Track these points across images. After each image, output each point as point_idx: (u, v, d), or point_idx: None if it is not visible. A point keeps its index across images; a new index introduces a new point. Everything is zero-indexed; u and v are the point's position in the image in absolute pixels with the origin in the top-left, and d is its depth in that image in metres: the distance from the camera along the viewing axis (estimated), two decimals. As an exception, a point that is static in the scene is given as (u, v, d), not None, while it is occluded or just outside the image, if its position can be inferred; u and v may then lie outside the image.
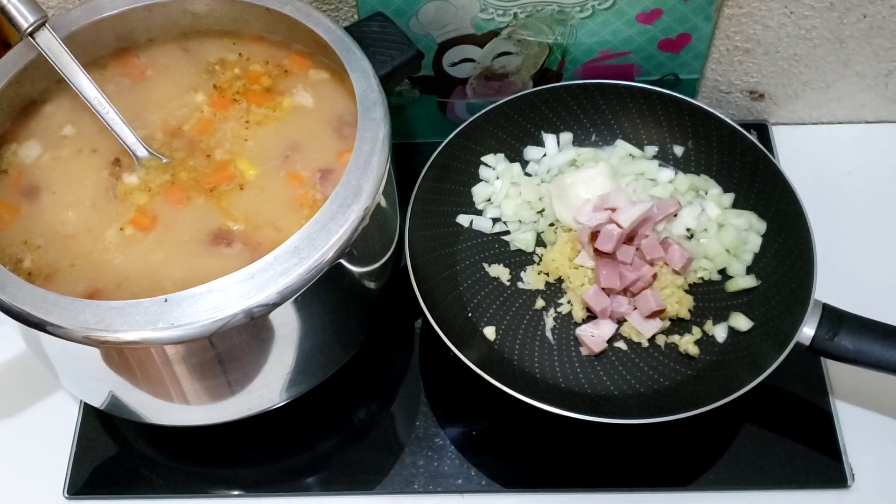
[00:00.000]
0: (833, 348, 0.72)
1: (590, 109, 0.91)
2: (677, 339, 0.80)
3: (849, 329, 0.72)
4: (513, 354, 0.80)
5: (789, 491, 0.76)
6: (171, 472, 0.80)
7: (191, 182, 0.72)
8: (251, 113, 0.75)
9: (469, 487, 0.77)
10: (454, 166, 0.88)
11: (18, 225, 0.70)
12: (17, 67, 0.73)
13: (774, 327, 0.77)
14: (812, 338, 0.72)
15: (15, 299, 0.61)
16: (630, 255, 0.81)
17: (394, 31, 0.77)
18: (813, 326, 0.73)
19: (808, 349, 0.73)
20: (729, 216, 0.85)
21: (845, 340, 0.72)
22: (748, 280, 0.82)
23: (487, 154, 0.90)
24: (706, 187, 0.87)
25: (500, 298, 0.84)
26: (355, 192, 0.65)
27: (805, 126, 0.98)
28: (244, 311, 0.61)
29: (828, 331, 0.72)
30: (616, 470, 0.77)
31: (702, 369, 0.78)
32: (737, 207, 0.86)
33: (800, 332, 0.73)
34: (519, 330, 0.82)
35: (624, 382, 0.78)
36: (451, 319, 0.80)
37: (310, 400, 0.75)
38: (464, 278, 0.85)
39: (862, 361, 0.72)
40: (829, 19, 0.88)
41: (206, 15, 0.79)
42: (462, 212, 0.88)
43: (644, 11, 0.85)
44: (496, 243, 0.87)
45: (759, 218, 0.84)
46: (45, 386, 0.83)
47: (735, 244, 0.83)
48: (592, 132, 0.92)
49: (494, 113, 0.89)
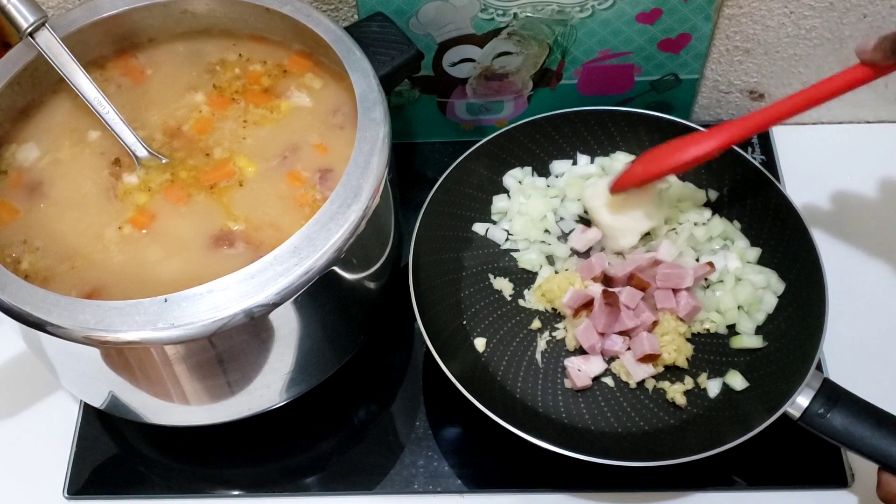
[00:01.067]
0: (823, 426, 0.70)
1: (630, 138, 0.89)
2: (667, 385, 0.78)
3: (843, 408, 0.70)
4: (497, 370, 0.80)
5: (789, 491, 0.76)
6: (171, 472, 0.80)
7: (191, 180, 0.72)
8: (249, 112, 0.75)
9: (469, 487, 0.77)
10: (480, 172, 0.87)
11: (18, 225, 0.70)
12: (17, 67, 0.73)
13: (769, 391, 0.74)
14: (804, 410, 0.70)
15: (15, 299, 0.61)
16: (636, 299, 0.78)
17: (394, 31, 0.77)
18: (808, 398, 0.71)
19: (797, 421, 0.71)
20: (748, 271, 0.82)
21: (837, 420, 0.70)
22: (755, 340, 0.79)
23: (515, 167, 0.89)
24: (734, 237, 0.85)
25: (497, 312, 0.83)
26: (355, 192, 0.65)
27: (805, 126, 0.98)
28: (244, 311, 0.61)
29: (821, 405, 0.70)
30: (616, 470, 0.76)
31: (685, 420, 0.77)
32: (761, 263, 0.83)
33: (792, 401, 0.71)
34: (509, 347, 0.81)
35: (603, 419, 0.77)
36: (444, 324, 0.79)
37: (310, 400, 0.75)
38: (466, 285, 0.84)
39: (848, 444, 0.70)
40: (828, 19, 0.87)
41: (206, 15, 0.79)
42: (480, 219, 0.88)
43: (644, 11, 0.85)
44: (506, 256, 0.87)
45: (779, 279, 0.81)
46: (45, 386, 0.83)
47: (749, 302, 0.80)
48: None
49: (531, 126, 0.88)
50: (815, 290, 0.77)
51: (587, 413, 0.78)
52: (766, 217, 0.83)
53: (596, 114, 0.88)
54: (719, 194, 0.87)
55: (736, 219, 0.86)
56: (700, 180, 0.88)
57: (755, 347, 0.79)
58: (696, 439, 0.73)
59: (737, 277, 0.82)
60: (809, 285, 0.78)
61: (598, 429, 0.77)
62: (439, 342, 0.75)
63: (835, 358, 0.82)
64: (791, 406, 0.71)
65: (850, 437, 0.69)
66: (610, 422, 0.77)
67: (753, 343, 0.79)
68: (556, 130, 0.89)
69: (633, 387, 0.79)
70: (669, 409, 0.78)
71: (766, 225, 0.84)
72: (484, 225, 0.88)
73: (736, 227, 0.85)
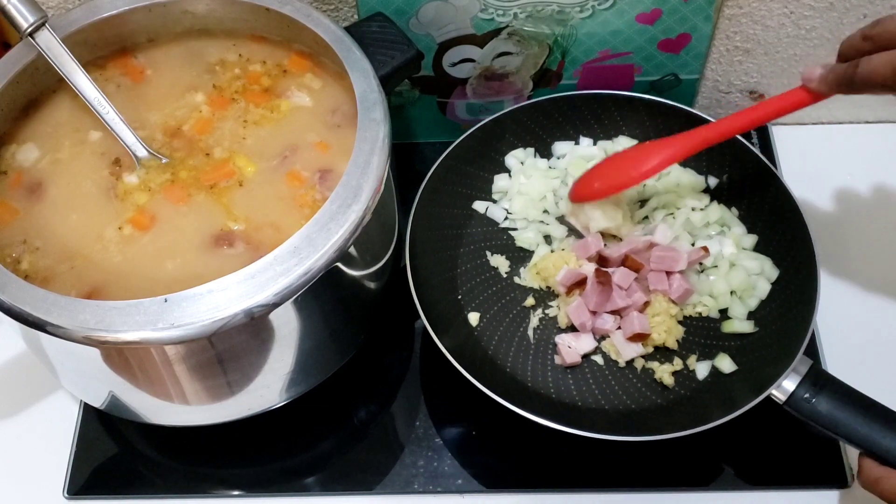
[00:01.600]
0: (808, 410, 0.70)
1: (632, 123, 0.90)
2: (656, 365, 0.79)
3: (829, 394, 0.70)
4: (489, 344, 0.81)
5: (789, 491, 0.76)
6: (171, 472, 0.80)
7: (191, 180, 0.72)
8: (249, 112, 0.75)
9: (469, 487, 0.77)
10: (482, 151, 0.88)
11: (18, 225, 0.70)
12: (17, 68, 0.73)
13: (756, 375, 0.74)
14: (790, 394, 0.71)
15: (15, 299, 0.61)
16: (628, 280, 0.79)
17: (394, 31, 0.77)
18: (794, 383, 0.71)
19: (783, 405, 0.71)
20: (742, 257, 0.82)
21: (822, 405, 0.70)
22: (746, 325, 0.80)
23: (518, 147, 0.90)
24: (731, 224, 0.85)
25: (493, 288, 0.84)
26: (355, 192, 0.65)
27: (805, 126, 0.98)
28: (244, 311, 0.61)
29: (807, 390, 0.71)
30: (616, 470, 0.77)
31: (672, 400, 0.77)
32: (757, 251, 0.84)
33: (779, 384, 0.71)
34: (503, 322, 0.82)
35: (591, 396, 0.78)
36: (439, 297, 0.80)
37: (310, 400, 0.75)
38: (463, 261, 0.85)
39: (832, 430, 0.70)
40: (828, 19, 0.88)
41: (206, 15, 0.79)
42: (481, 198, 0.89)
43: (644, 12, 0.85)
44: (504, 235, 0.88)
45: (773, 265, 0.82)
46: (45, 386, 0.83)
47: (742, 287, 0.81)
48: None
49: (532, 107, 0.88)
50: (807, 279, 0.77)
51: (575, 389, 0.78)
52: (764, 206, 0.84)
53: (600, 98, 0.89)
54: (719, 181, 0.88)
55: (734, 206, 0.87)
56: (700, 166, 0.88)
57: (746, 332, 0.80)
58: (683, 418, 0.73)
59: (731, 263, 0.83)
60: (803, 273, 0.78)
61: (586, 405, 0.77)
62: (433, 315, 0.76)
63: (832, 349, 0.82)
64: (777, 389, 0.71)
65: (834, 422, 0.70)
66: (598, 399, 0.78)
67: (745, 328, 0.80)
68: (559, 112, 0.90)
69: (622, 366, 0.79)
70: (657, 388, 0.78)
71: (764, 213, 0.84)
72: (484, 203, 0.89)
73: (734, 214, 0.86)
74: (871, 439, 0.69)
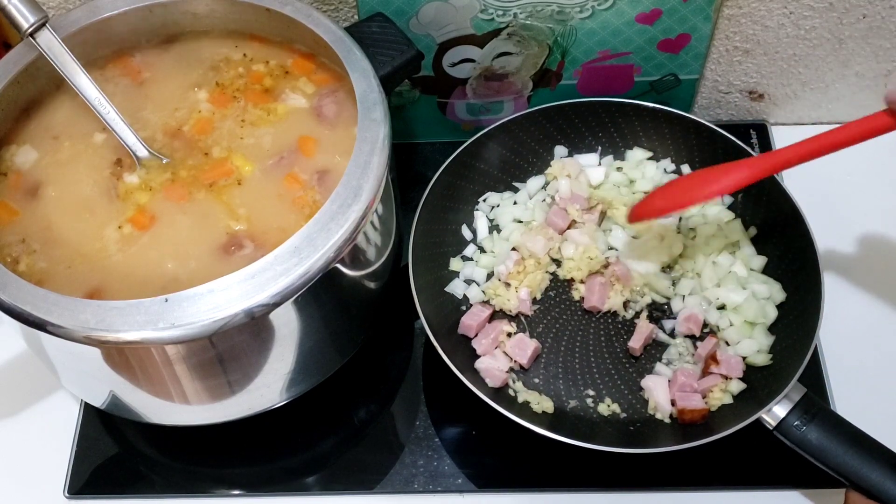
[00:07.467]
0: (798, 438, 0.70)
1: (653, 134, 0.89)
2: None
3: (820, 424, 0.69)
4: None
5: (789, 491, 0.76)
6: (171, 472, 0.80)
7: (190, 179, 0.72)
8: (248, 112, 0.75)
9: (469, 487, 0.77)
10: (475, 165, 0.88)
11: (18, 225, 0.70)
12: (17, 68, 0.73)
13: (751, 398, 0.75)
14: (780, 420, 0.70)
15: (16, 299, 0.62)
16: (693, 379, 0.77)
17: (394, 31, 0.78)
18: (786, 409, 0.70)
19: (773, 431, 0.70)
20: (752, 280, 0.81)
21: (812, 434, 0.69)
22: (762, 357, 0.78)
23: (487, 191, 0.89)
24: (742, 244, 0.84)
25: None
26: (355, 192, 0.65)
27: (805, 126, 0.98)
28: (244, 311, 0.61)
29: (798, 418, 0.70)
30: (616, 470, 0.77)
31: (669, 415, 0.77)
32: (765, 273, 0.83)
33: (769, 409, 0.70)
34: None
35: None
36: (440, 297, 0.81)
37: (310, 400, 0.75)
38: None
39: (821, 460, 0.69)
40: (828, 19, 0.88)
41: (207, 15, 0.79)
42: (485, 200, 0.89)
43: (644, 12, 0.85)
44: None
45: (781, 289, 0.81)
46: (46, 386, 0.83)
47: (755, 317, 0.79)
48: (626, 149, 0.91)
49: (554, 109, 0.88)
50: (811, 308, 0.76)
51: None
52: (776, 228, 0.83)
53: (605, 105, 0.89)
54: (734, 200, 0.87)
55: (749, 222, 0.85)
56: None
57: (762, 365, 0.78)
58: (675, 433, 0.74)
59: (742, 286, 0.81)
60: (806, 302, 0.77)
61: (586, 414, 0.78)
62: (441, 335, 0.76)
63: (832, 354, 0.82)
64: (767, 415, 0.70)
65: (823, 452, 0.69)
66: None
67: (761, 361, 0.78)
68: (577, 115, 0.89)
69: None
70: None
71: (775, 235, 0.83)
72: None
73: (746, 237, 0.85)
74: (859, 473, 0.68)
